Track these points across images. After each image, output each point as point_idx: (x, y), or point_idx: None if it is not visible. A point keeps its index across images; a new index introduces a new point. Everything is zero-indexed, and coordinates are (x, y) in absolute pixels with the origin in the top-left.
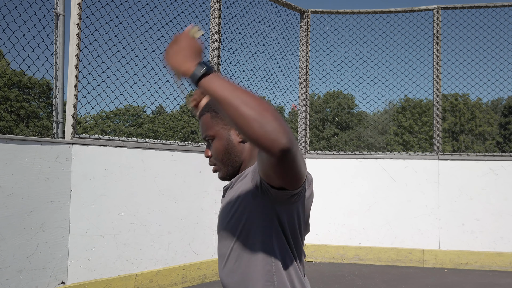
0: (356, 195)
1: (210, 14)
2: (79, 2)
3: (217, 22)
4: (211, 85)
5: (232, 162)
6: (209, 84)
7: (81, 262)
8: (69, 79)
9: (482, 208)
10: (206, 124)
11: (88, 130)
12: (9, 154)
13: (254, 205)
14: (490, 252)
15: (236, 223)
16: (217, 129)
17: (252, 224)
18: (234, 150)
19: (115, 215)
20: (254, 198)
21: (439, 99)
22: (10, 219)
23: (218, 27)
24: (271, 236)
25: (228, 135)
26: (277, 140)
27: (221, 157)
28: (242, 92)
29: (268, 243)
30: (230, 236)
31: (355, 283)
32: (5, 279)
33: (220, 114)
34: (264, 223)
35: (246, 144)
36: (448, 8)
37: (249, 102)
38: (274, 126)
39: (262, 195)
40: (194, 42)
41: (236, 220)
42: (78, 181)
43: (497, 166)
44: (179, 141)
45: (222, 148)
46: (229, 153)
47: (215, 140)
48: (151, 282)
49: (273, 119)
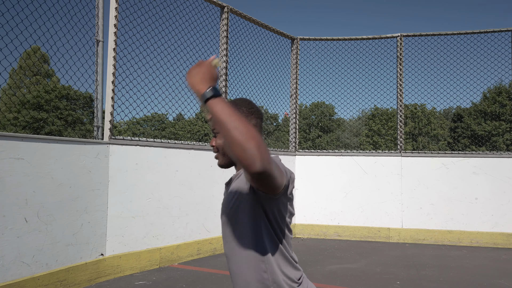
0: (336, 185)
1: (219, 41)
2: (115, 31)
3: (225, 47)
4: (215, 107)
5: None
6: (213, 105)
7: (117, 238)
8: (107, 92)
9: (436, 195)
10: None
11: (122, 133)
12: (59, 152)
13: (247, 198)
14: (442, 230)
15: (234, 211)
16: None
17: (246, 213)
18: None
19: (143, 201)
20: (247, 193)
21: (402, 108)
22: (60, 204)
23: (226, 51)
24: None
25: None
26: (252, 164)
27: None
28: (237, 119)
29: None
30: (231, 221)
31: (335, 255)
32: (56, 251)
33: None
34: (254, 212)
35: None
36: (409, 35)
37: (240, 129)
38: (253, 153)
39: (252, 192)
40: (213, 70)
41: (235, 209)
42: (114, 173)
43: (448, 162)
44: (195, 142)
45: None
46: None
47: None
48: (172, 254)
49: (255, 146)
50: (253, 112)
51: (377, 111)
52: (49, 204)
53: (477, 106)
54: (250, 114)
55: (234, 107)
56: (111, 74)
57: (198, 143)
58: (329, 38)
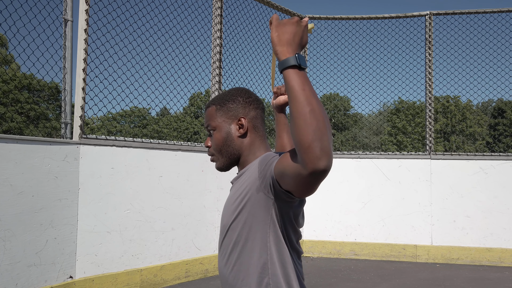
0: (352, 193)
1: (212, 20)
2: (86, 8)
3: (219, 27)
4: (295, 79)
5: (229, 154)
6: (293, 76)
7: (89, 257)
8: (77, 82)
9: (472, 205)
10: (210, 115)
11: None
12: (19, 154)
13: (256, 199)
14: (480, 248)
15: (239, 216)
16: (219, 121)
17: (253, 218)
18: (232, 143)
19: (121, 212)
20: (257, 192)
21: (431, 101)
22: (21, 216)
23: (220, 32)
24: (267, 231)
25: (228, 128)
26: (320, 160)
27: (219, 148)
28: (316, 101)
29: (265, 237)
30: (232, 228)
31: (350, 277)
32: (16, 273)
33: (224, 108)
34: (263, 217)
35: (245, 139)
36: (440, 14)
37: (317, 114)
38: (325, 146)
39: (265, 190)
40: (306, 35)
41: (239, 213)
42: (86, 179)
43: (487, 165)
44: (182, 142)
45: (221, 139)
46: (227, 146)
47: (215, 131)
48: (155, 276)
49: (328, 139)
50: (251, 101)
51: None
52: (7, 216)
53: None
54: (247, 105)
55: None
56: (82, 61)
57: (187, 143)
58: (343, 17)
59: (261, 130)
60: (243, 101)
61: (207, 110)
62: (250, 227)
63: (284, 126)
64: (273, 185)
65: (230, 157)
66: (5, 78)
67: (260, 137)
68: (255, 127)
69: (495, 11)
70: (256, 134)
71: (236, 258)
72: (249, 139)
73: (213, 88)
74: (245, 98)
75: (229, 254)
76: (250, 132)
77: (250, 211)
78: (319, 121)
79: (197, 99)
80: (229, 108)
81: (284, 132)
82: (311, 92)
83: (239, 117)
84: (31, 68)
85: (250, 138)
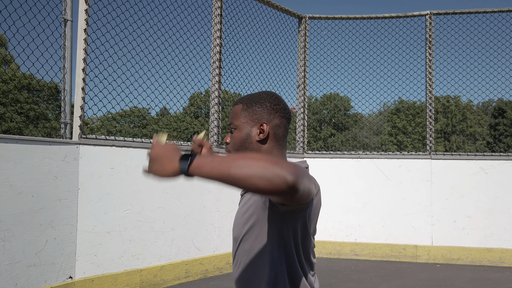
0: (352, 193)
1: (212, 20)
2: (86, 8)
3: (218, 27)
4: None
5: None
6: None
7: (88, 257)
8: (76, 82)
9: (473, 205)
10: (235, 113)
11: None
12: (19, 154)
13: (263, 214)
14: (480, 248)
15: (248, 229)
16: (242, 121)
17: (261, 231)
18: (250, 145)
19: (120, 213)
20: (263, 209)
21: (432, 101)
22: (20, 216)
23: (220, 32)
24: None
25: (249, 130)
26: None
27: (237, 147)
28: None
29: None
30: (243, 240)
31: (351, 278)
32: (15, 274)
33: (250, 110)
34: (272, 230)
35: (264, 146)
36: (441, 13)
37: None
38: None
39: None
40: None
41: (249, 226)
42: (85, 180)
43: (487, 165)
44: (182, 142)
45: (239, 139)
46: (245, 147)
47: (236, 130)
48: (155, 277)
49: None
50: (278, 109)
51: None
52: (7, 216)
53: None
54: (274, 112)
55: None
56: (82, 61)
57: (187, 143)
58: (344, 17)
59: (282, 140)
60: (270, 107)
61: (234, 108)
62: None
63: None
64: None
65: None
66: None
67: (279, 147)
68: (276, 135)
69: (496, 11)
70: (276, 143)
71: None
72: (268, 146)
73: (213, 88)
74: (273, 105)
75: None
76: (270, 140)
77: (259, 225)
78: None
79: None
80: (254, 110)
81: None
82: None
83: (262, 122)
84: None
85: (269, 145)
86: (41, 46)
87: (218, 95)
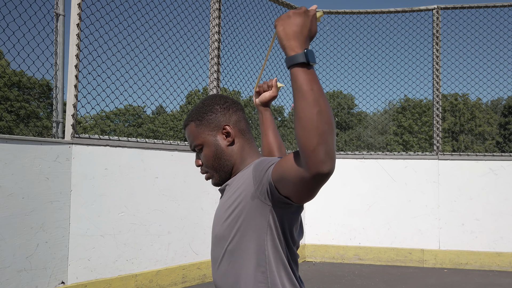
0: (356, 195)
1: (210, 14)
2: (79, 2)
3: (217, 22)
4: (303, 77)
5: (224, 166)
6: (302, 74)
7: (81, 262)
8: (69, 79)
9: (481, 208)
10: (192, 133)
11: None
12: (9, 154)
13: (251, 206)
14: (490, 252)
15: (231, 224)
16: (204, 136)
17: (247, 226)
18: (223, 154)
19: (115, 215)
20: (252, 199)
21: (439, 99)
22: (10, 219)
23: (218, 27)
24: (265, 238)
25: (215, 140)
26: (324, 164)
27: (212, 163)
28: (324, 101)
29: (262, 244)
30: (225, 238)
31: (355, 283)
32: (5, 279)
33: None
34: (259, 224)
35: (235, 146)
36: (448, 8)
37: (325, 115)
38: (330, 149)
39: (262, 197)
40: (315, 25)
41: (232, 221)
42: (78, 181)
43: (497, 166)
44: (179, 141)
45: (211, 154)
46: (219, 158)
47: (203, 148)
48: (151, 282)
49: (333, 142)
50: (229, 106)
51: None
52: None
53: None
54: (227, 111)
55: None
56: (74, 57)
57: (183, 143)
58: (347, 11)
59: (248, 132)
60: (221, 109)
61: (187, 129)
62: (244, 235)
63: (270, 124)
64: (270, 191)
65: (225, 169)
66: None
67: (249, 140)
68: (241, 130)
69: (506, 5)
70: (244, 138)
71: (232, 267)
72: (238, 145)
73: (211, 85)
74: (222, 105)
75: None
76: (238, 138)
77: (244, 219)
78: (326, 124)
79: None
80: (209, 120)
81: (270, 130)
82: (319, 91)
83: (222, 126)
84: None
85: (238, 144)
86: (32, 42)
87: (216, 93)
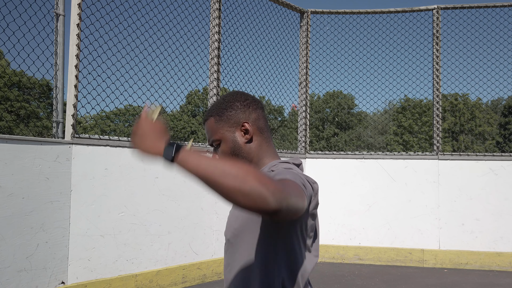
0: (356, 195)
1: (210, 14)
2: (79, 2)
3: (217, 22)
4: (187, 164)
5: None
6: (184, 162)
7: (81, 262)
8: (69, 79)
9: (482, 208)
10: (211, 128)
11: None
12: (9, 154)
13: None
14: (490, 252)
15: (242, 231)
16: (222, 132)
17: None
18: (241, 151)
19: (115, 215)
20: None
21: (439, 99)
22: (10, 219)
23: (218, 27)
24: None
25: (233, 137)
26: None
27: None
28: (218, 163)
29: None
30: (236, 244)
31: (355, 283)
32: (5, 279)
33: (224, 117)
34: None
35: (252, 144)
36: (448, 8)
37: (228, 172)
38: (259, 191)
39: None
40: (156, 124)
41: (243, 229)
42: (78, 181)
43: (497, 166)
44: (179, 141)
45: (228, 150)
46: (236, 155)
47: (221, 143)
48: (151, 282)
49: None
50: (249, 103)
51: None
52: None
53: None
54: (247, 108)
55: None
56: (74, 57)
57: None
58: (347, 11)
59: (266, 131)
60: (241, 105)
61: (206, 124)
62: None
63: None
64: None
65: None
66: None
67: (267, 139)
68: (259, 129)
69: (506, 5)
70: (262, 136)
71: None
72: (256, 143)
73: (211, 85)
74: (243, 102)
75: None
76: (256, 135)
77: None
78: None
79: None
80: (228, 116)
81: None
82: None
83: (241, 123)
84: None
85: (257, 141)
86: (32, 42)
87: (216, 93)
